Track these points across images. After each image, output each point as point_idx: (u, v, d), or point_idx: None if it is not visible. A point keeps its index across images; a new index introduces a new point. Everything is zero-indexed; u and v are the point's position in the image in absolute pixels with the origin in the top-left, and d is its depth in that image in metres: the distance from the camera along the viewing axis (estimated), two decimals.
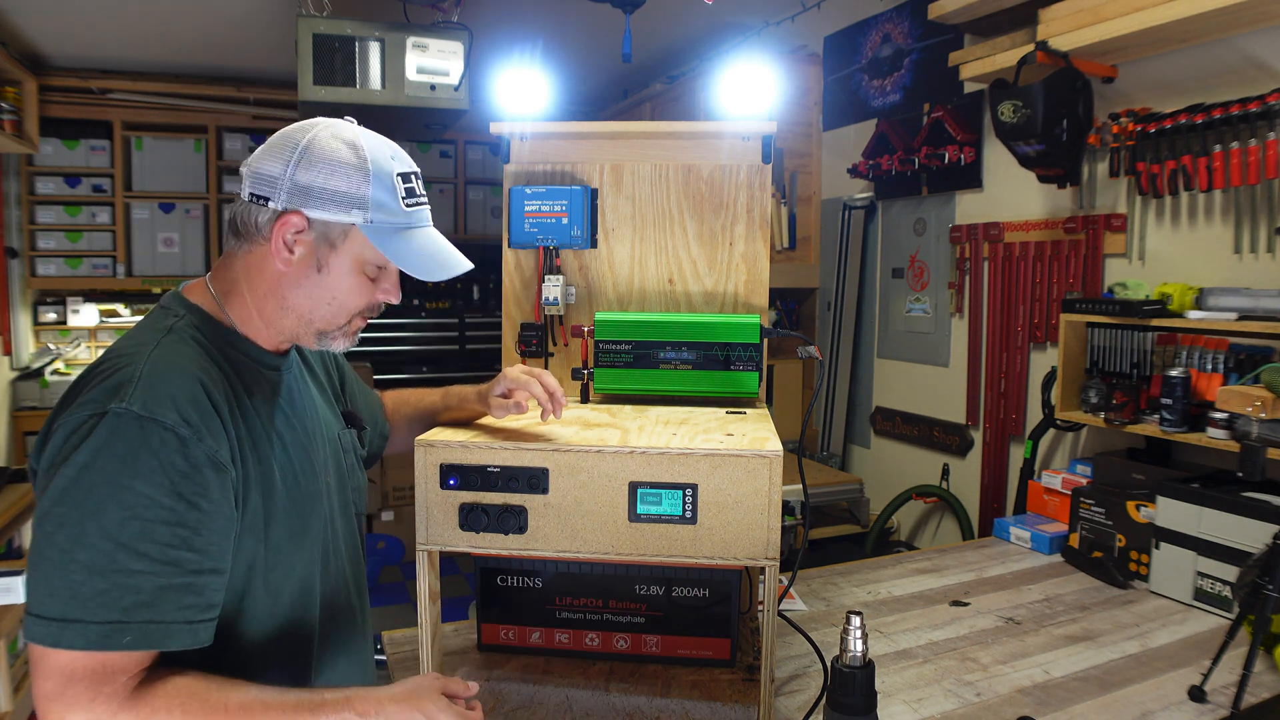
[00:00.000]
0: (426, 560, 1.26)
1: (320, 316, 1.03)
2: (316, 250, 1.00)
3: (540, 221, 1.67)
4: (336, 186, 0.98)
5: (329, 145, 0.99)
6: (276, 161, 0.98)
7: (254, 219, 0.99)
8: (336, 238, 1.00)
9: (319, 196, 0.98)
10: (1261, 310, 1.92)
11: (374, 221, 1.00)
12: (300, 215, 0.98)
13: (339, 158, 0.98)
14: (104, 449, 0.84)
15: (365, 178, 0.99)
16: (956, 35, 2.89)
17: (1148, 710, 1.40)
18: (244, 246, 1.01)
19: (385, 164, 1.01)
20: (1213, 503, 1.82)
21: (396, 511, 4.81)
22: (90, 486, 0.84)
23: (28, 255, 4.37)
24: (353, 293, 1.03)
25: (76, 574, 0.82)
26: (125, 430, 0.85)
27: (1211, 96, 2.11)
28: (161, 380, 0.89)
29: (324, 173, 0.97)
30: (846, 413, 3.63)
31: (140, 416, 0.86)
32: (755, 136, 1.66)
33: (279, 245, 0.98)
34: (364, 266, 1.03)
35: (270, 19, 3.46)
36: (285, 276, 1.01)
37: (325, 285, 1.01)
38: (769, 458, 1.18)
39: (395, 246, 1.02)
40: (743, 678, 1.46)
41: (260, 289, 1.02)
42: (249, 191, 0.99)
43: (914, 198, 3.21)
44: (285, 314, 1.03)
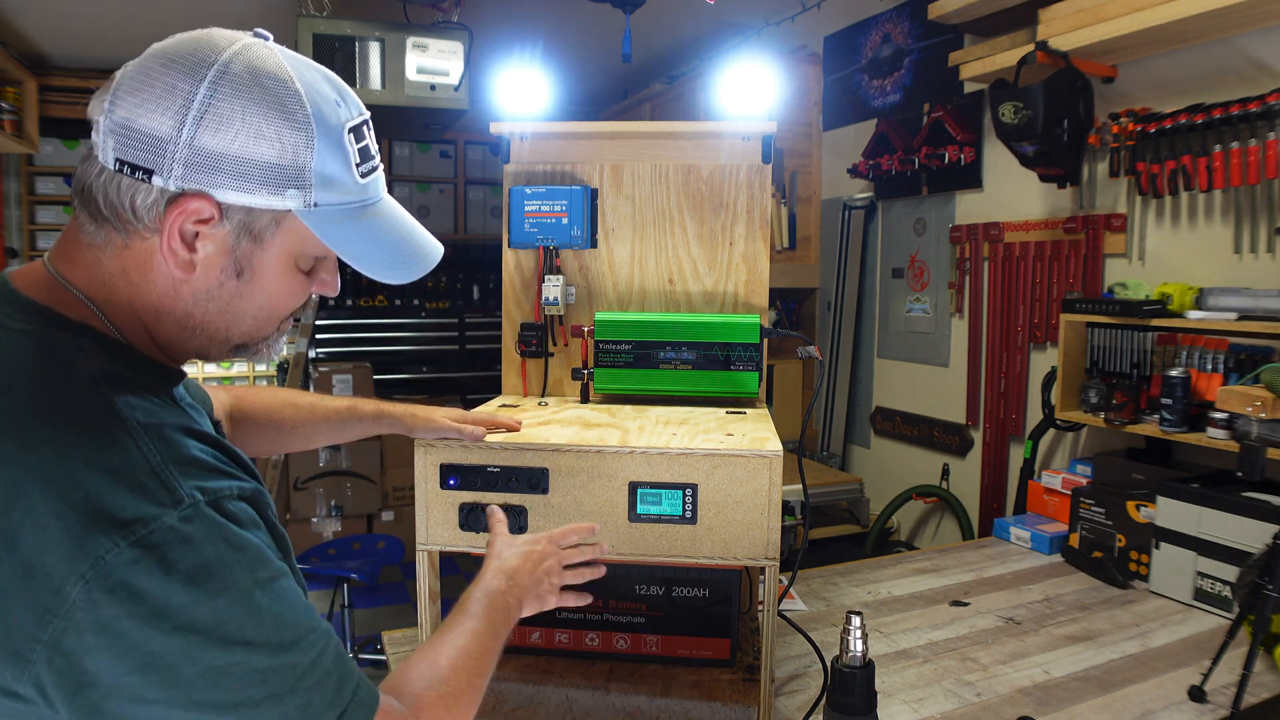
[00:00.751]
0: (426, 560, 1.26)
1: (241, 332, 0.75)
2: (234, 248, 0.69)
3: (540, 221, 1.67)
4: (263, 155, 0.66)
5: (249, 87, 0.66)
6: (162, 111, 0.64)
7: (129, 199, 0.66)
8: (264, 229, 0.69)
9: (235, 171, 0.65)
10: (1261, 310, 1.92)
11: (318, 205, 0.69)
12: (207, 199, 0.66)
13: (266, 108, 0.66)
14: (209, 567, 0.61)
15: (307, 138, 0.67)
16: (956, 35, 2.89)
17: (1148, 710, 1.40)
18: (112, 238, 0.68)
19: (330, 112, 0.69)
20: (1213, 503, 1.82)
21: (396, 511, 4.82)
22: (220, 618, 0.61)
23: (28, 255, 4.37)
24: (285, 296, 0.75)
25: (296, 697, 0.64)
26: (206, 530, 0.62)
27: (1211, 96, 2.11)
28: (178, 448, 0.65)
29: (245, 134, 0.65)
30: (846, 413, 3.63)
31: (211, 503, 0.63)
32: (755, 136, 1.66)
33: (174, 242, 0.67)
34: (299, 260, 0.74)
35: (270, 19, 3.46)
36: (187, 286, 0.70)
37: (248, 294, 0.72)
38: (769, 458, 1.18)
39: (348, 239, 0.72)
40: (743, 678, 1.46)
41: (149, 302, 0.70)
42: (115, 156, 0.65)
43: (914, 198, 3.21)
44: (190, 335, 0.73)
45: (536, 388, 1.72)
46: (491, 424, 1.27)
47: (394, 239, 0.76)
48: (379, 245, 0.74)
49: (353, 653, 3.32)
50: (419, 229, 0.81)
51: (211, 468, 0.66)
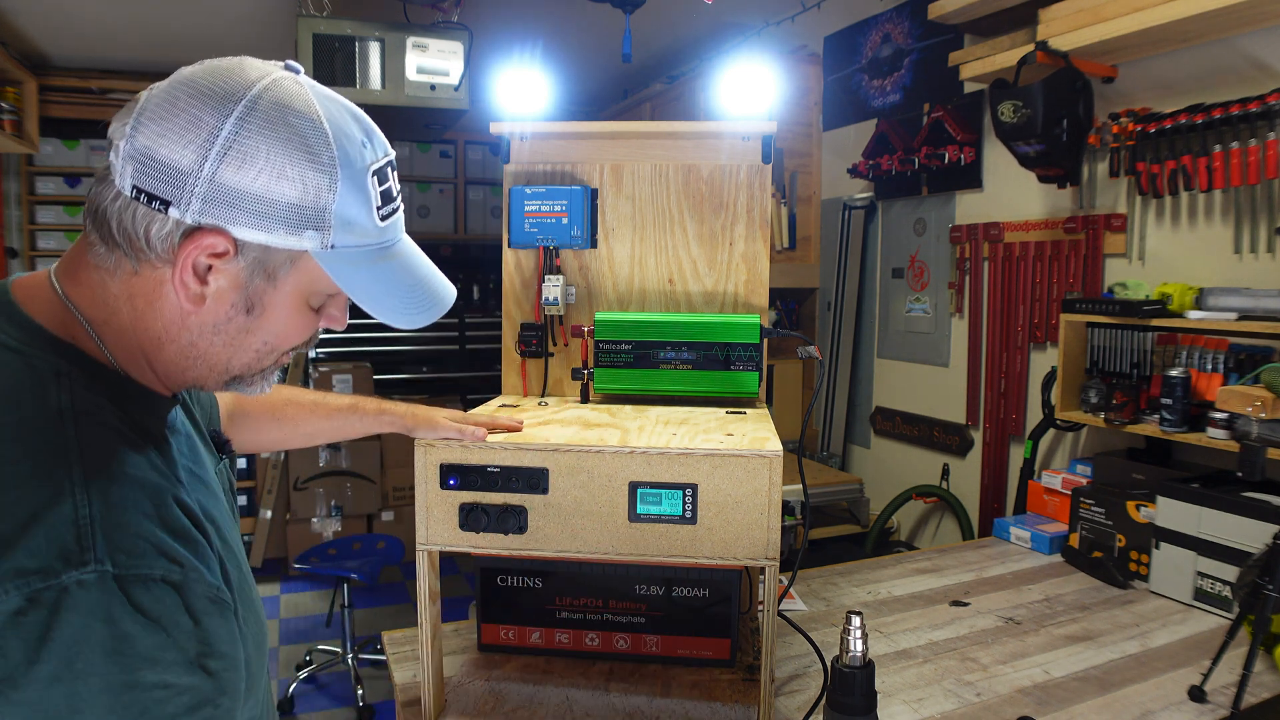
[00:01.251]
0: (426, 560, 1.26)
1: (241, 364, 0.73)
2: (246, 284, 0.68)
3: (540, 221, 1.67)
4: (284, 195, 0.65)
5: (275, 124, 0.64)
6: (186, 143, 0.62)
7: (143, 228, 0.64)
8: (278, 268, 0.68)
9: (255, 209, 0.64)
10: (1261, 310, 1.92)
11: (335, 247, 0.68)
12: (224, 235, 0.65)
13: (291, 147, 0.65)
14: (82, 644, 0.55)
15: (330, 181, 0.66)
16: (956, 35, 2.89)
17: (1148, 710, 1.40)
18: (122, 264, 0.67)
19: (356, 154, 0.68)
20: (1213, 503, 1.82)
21: (396, 511, 4.82)
22: (77, 703, 0.55)
23: (28, 255, 4.37)
24: (292, 332, 0.74)
25: None
26: (104, 605, 0.56)
27: (1211, 96, 2.11)
28: (120, 509, 0.60)
29: (268, 172, 0.64)
30: (846, 413, 3.63)
31: (120, 578, 0.57)
32: (755, 136, 1.66)
33: (186, 275, 0.66)
34: (310, 298, 0.72)
35: (270, 19, 3.46)
36: (194, 318, 0.69)
37: (256, 329, 0.71)
38: (769, 458, 1.18)
39: (362, 282, 0.71)
40: (743, 678, 1.46)
41: (153, 331, 0.69)
42: (133, 183, 0.63)
43: (914, 198, 3.21)
44: (190, 364, 0.71)
45: (536, 388, 1.72)
46: (492, 425, 1.27)
47: (408, 283, 0.75)
48: (392, 289, 0.74)
49: (352, 652, 3.33)
50: (434, 272, 0.79)
51: (148, 540, 0.60)
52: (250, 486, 4.74)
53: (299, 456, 4.55)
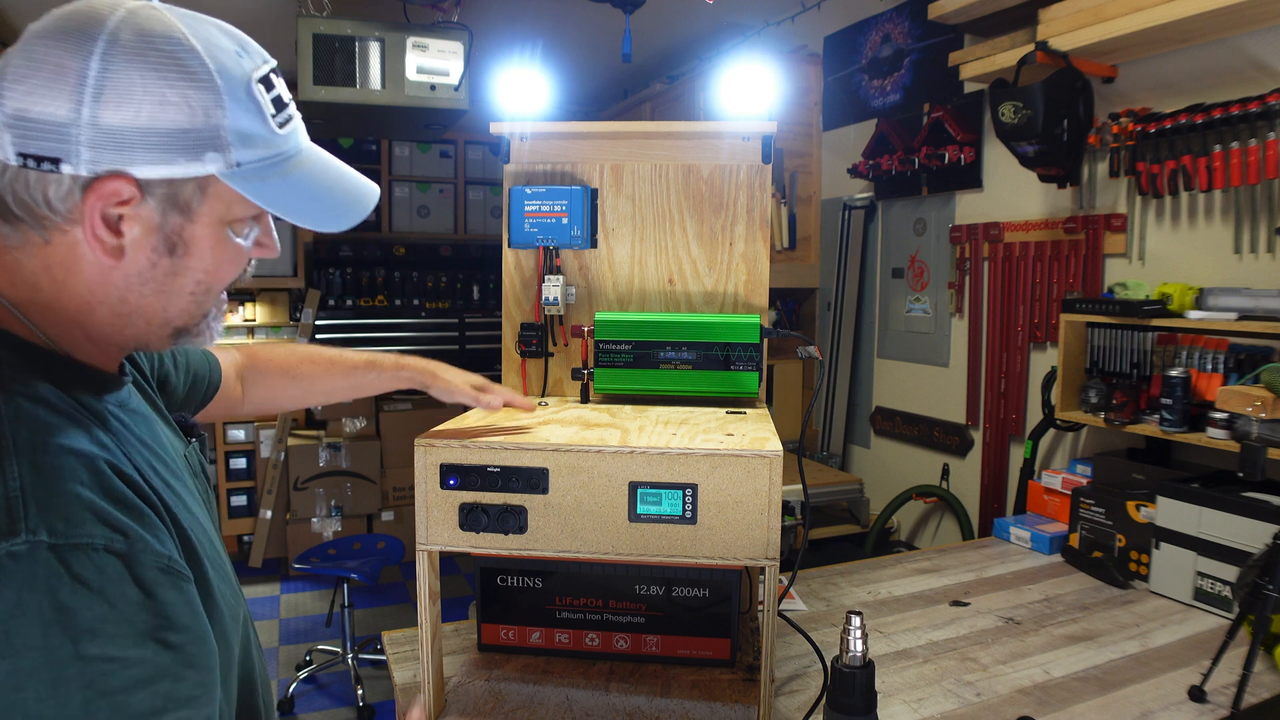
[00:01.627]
0: (426, 560, 1.26)
1: (179, 311, 0.70)
2: (162, 224, 0.65)
3: (540, 221, 1.67)
4: (173, 122, 0.62)
5: (142, 53, 0.61)
6: (56, 94, 0.59)
7: (40, 193, 0.62)
8: (190, 199, 0.65)
9: (147, 144, 0.61)
10: (1261, 310, 1.92)
11: (241, 164, 0.66)
12: (124, 179, 0.62)
13: (165, 72, 0.61)
14: (17, 617, 0.53)
15: (215, 97, 0.63)
16: (956, 35, 2.89)
17: (1148, 710, 1.40)
18: (30, 238, 0.64)
19: (234, 66, 0.65)
20: (1213, 503, 1.82)
21: (396, 511, 4.82)
22: (20, 680, 0.53)
23: None
24: (227, 265, 0.71)
25: None
26: (40, 576, 0.54)
27: (1211, 96, 2.11)
28: (52, 478, 0.58)
29: (149, 103, 0.61)
30: (846, 413, 3.63)
31: (56, 547, 0.55)
32: (755, 136, 1.66)
33: (97, 229, 0.63)
34: (232, 226, 0.69)
35: (270, 19, 3.46)
36: (118, 271, 0.66)
37: (184, 270, 0.68)
38: (769, 458, 1.18)
39: (279, 194, 0.68)
40: (743, 678, 1.46)
41: (78, 296, 0.66)
42: (16, 150, 0.60)
43: (914, 198, 3.21)
44: (127, 322, 0.69)
45: (536, 388, 1.72)
46: (509, 401, 1.28)
47: (325, 187, 0.73)
48: (310, 196, 0.71)
49: (352, 652, 3.33)
50: (349, 172, 0.77)
51: (86, 507, 0.58)
52: (250, 486, 4.74)
53: (299, 457, 4.55)
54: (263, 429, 4.69)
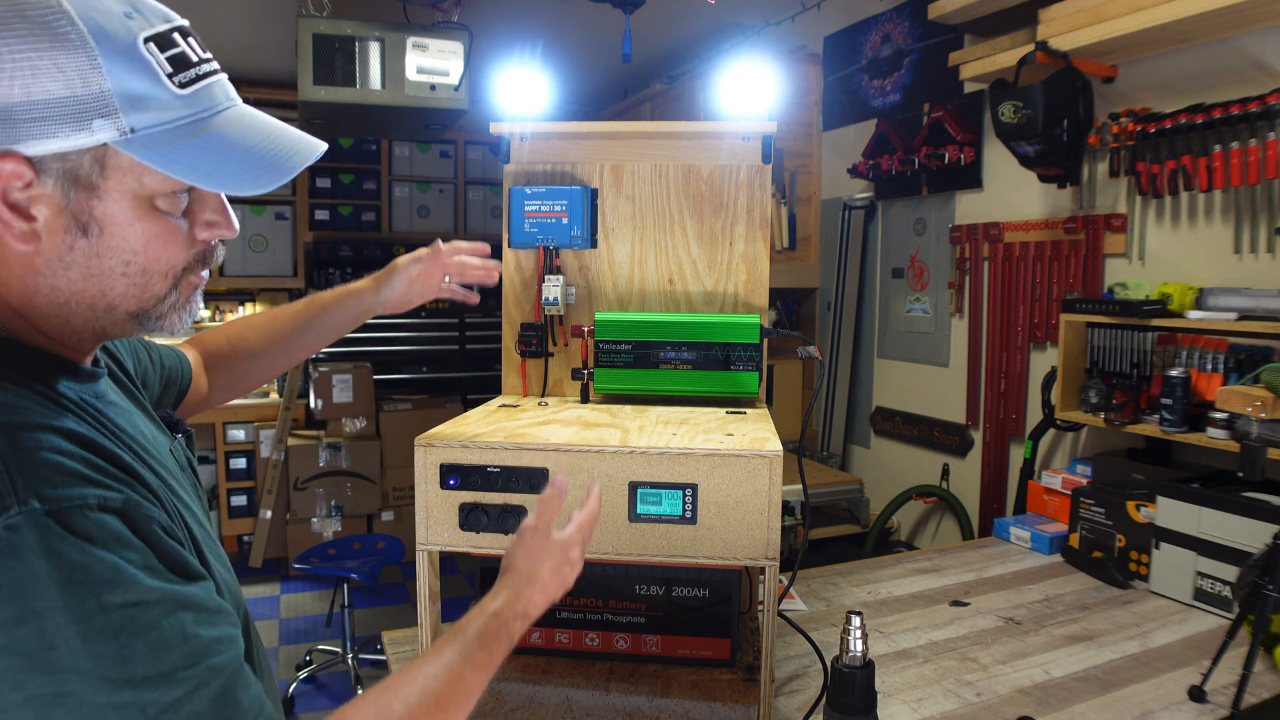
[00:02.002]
0: (426, 560, 1.26)
1: (122, 294, 0.66)
2: (67, 204, 0.62)
3: (540, 221, 1.67)
4: (49, 91, 0.58)
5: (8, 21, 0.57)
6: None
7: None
8: (89, 174, 0.61)
9: (28, 117, 0.58)
10: (1261, 310, 1.92)
11: (136, 131, 0.61)
12: (14, 158, 0.59)
13: (35, 38, 0.58)
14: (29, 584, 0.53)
15: (89, 59, 0.59)
16: (956, 35, 2.89)
17: (1148, 710, 1.40)
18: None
19: (118, 26, 0.60)
20: (1213, 503, 1.82)
21: (396, 511, 4.82)
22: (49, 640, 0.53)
23: None
24: (155, 243, 0.66)
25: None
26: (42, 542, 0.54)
27: (1211, 96, 2.11)
28: (33, 450, 0.57)
29: (22, 72, 0.57)
30: (846, 413, 3.63)
31: (51, 513, 0.55)
32: (755, 136, 1.66)
33: (5, 216, 0.61)
34: (155, 200, 0.65)
35: (270, 19, 3.46)
36: (39, 258, 0.63)
37: (105, 251, 0.64)
38: (769, 458, 1.18)
39: (188, 159, 0.63)
40: (743, 678, 1.46)
41: (12, 287, 0.64)
42: None
43: (914, 198, 3.21)
44: (69, 311, 0.66)
45: (536, 388, 1.72)
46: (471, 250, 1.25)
47: (249, 145, 0.67)
48: (230, 158, 0.65)
49: (353, 652, 3.33)
50: (284, 130, 0.71)
51: (71, 473, 0.57)
52: (250, 486, 4.74)
53: (299, 458, 4.55)
54: (263, 429, 4.69)
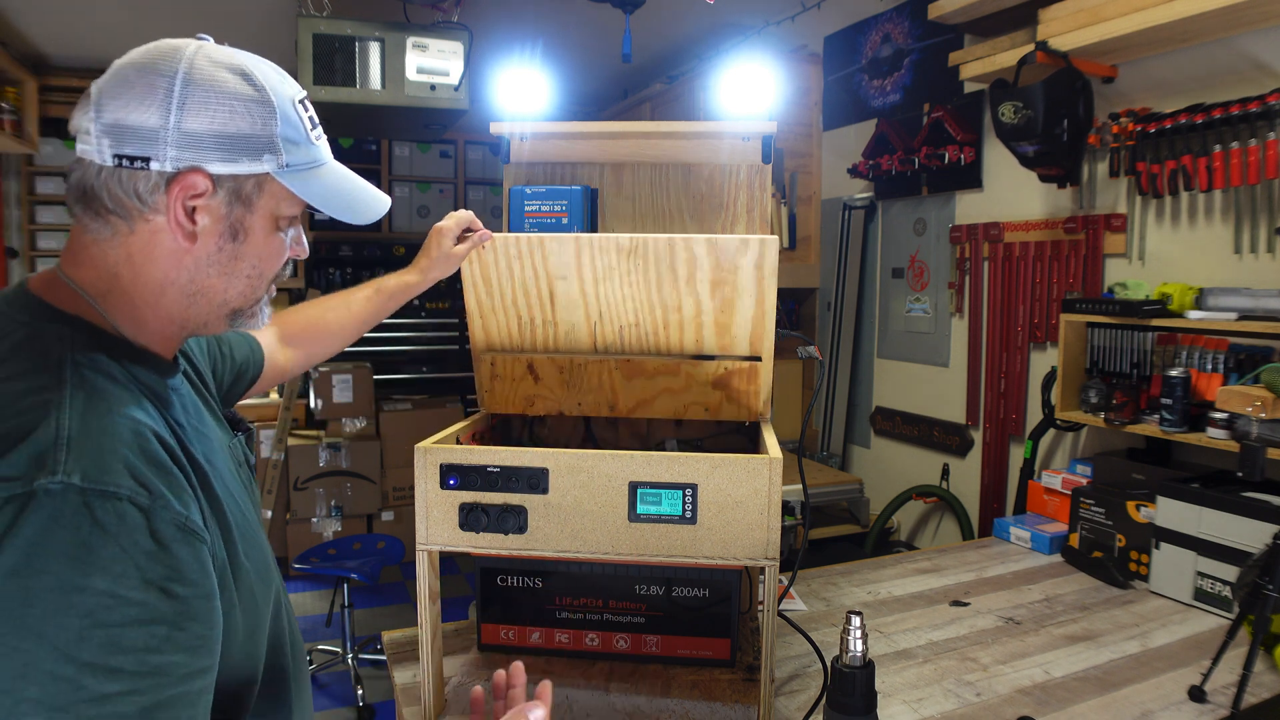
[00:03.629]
0: (426, 560, 1.26)
1: (237, 293, 0.83)
2: (228, 214, 0.79)
3: (540, 221, 1.67)
4: (240, 129, 0.76)
5: (215, 76, 0.76)
6: (149, 105, 0.73)
7: (132, 187, 0.75)
8: (250, 193, 0.79)
9: (221, 145, 0.75)
10: (1261, 310, 1.92)
11: (289, 165, 0.80)
12: (201, 173, 0.75)
13: (231, 87, 0.76)
14: (41, 544, 0.61)
15: (270, 112, 0.78)
16: (956, 35, 2.89)
17: (1148, 710, 1.40)
18: (118, 229, 0.76)
19: (281, 88, 0.80)
20: (1213, 503, 1.82)
21: (396, 511, 4.82)
22: (30, 598, 0.60)
23: (28, 255, 4.37)
24: (274, 256, 0.85)
25: (33, 717, 0.60)
26: (67, 513, 0.62)
27: (1211, 96, 2.11)
28: (98, 434, 0.67)
29: (221, 113, 0.75)
30: (846, 413, 3.63)
31: (85, 490, 0.63)
32: (755, 136, 1.66)
33: (179, 216, 0.76)
34: (279, 222, 0.83)
35: (270, 19, 3.46)
36: (190, 255, 0.78)
37: (245, 254, 0.81)
38: (769, 458, 1.18)
39: (317, 190, 0.83)
40: (743, 678, 1.46)
41: (154, 278, 0.78)
42: (113, 153, 0.73)
43: (914, 198, 3.21)
44: (193, 303, 0.81)
45: None
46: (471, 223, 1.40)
47: (348, 190, 0.88)
48: (337, 194, 0.86)
49: (352, 652, 3.33)
50: (363, 183, 0.92)
51: (118, 461, 0.66)
52: None
53: (298, 457, 4.55)
54: (263, 429, 4.69)
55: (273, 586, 0.87)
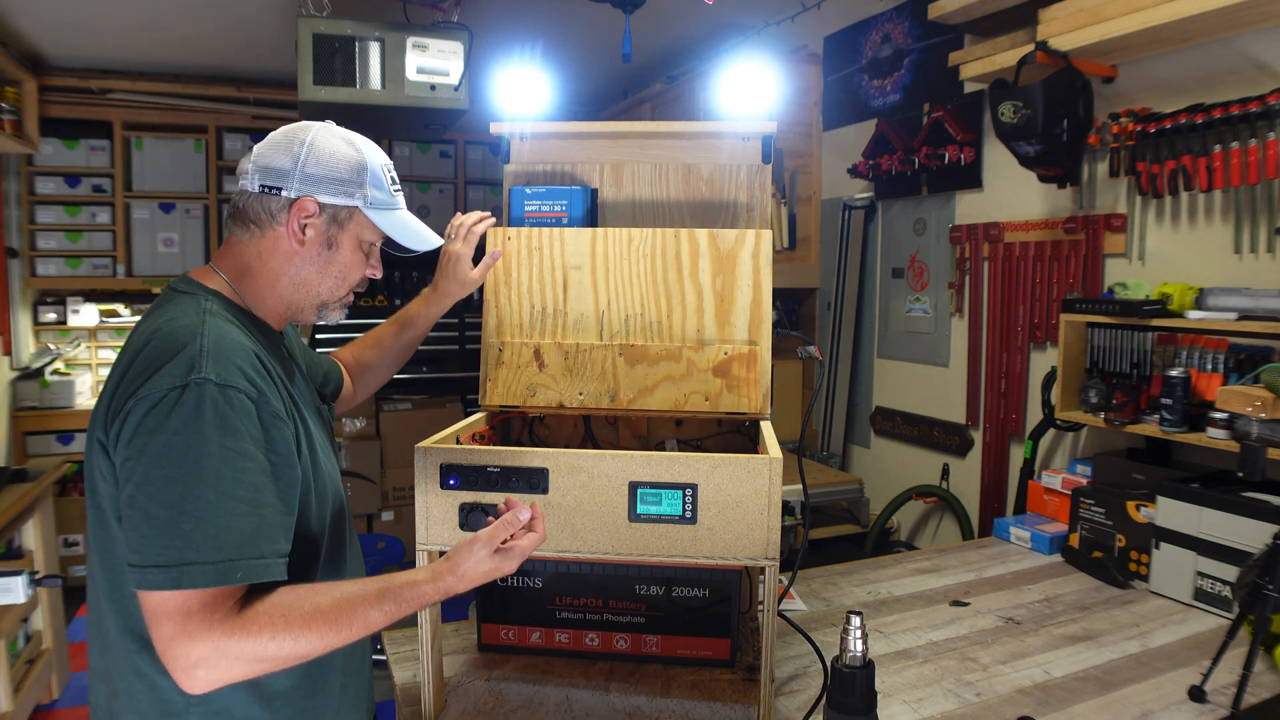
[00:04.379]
0: (426, 560, 1.26)
1: (326, 289, 1.18)
2: (326, 230, 1.15)
3: (540, 221, 1.67)
4: (341, 175, 1.14)
5: (330, 141, 1.14)
6: (285, 157, 1.12)
7: (266, 208, 1.12)
8: (343, 218, 1.15)
9: (327, 183, 1.13)
10: (1261, 310, 1.92)
11: (372, 203, 1.17)
12: (312, 200, 1.12)
13: (340, 151, 1.14)
14: (195, 415, 0.95)
15: (363, 168, 1.15)
16: (956, 35, 2.89)
17: (1148, 710, 1.40)
18: (255, 234, 1.14)
19: (374, 157, 1.19)
20: (1213, 503, 1.82)
21: (396, 511, 4.81)
22: (188, 448, 0.94)
23: (28, 255, 4.37)
24: (354, 267, 1.19)
25: (187, 524, 0.92)
26: (209, 397, 0.96)
27: (1211, 96, 2.11)
28: (224, 351, 1.01)
29: (329, 164, 1.13)
30: (846, 413, 3.63)
31: (219, 385, 0.97)
32: (755, 136, 1.66)
33: (294, 228, 1.12)
34: (361, 244, 1.19)
35: (270, 19, 3.46)
36: (298, 255, 1.14)
37: (334, 260, 1.16)
38: (769, 458, 1.18)
39: (389, 223, 1.20)
40: (743, 678, 1.46)
41: (273, 269, 1.15)
42: (259, 184, 1.12)
43: (914, 198, 3.21)
44: (296, 289, 1.16)
45: None
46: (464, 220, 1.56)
47: (414, 227, 1.24)
48: (404, 229, 1.22)
49: None
50: (424, 225, 1.28)
51: (237, 370, 1.00)
52: None
53: None
54: None
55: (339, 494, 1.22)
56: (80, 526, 4.06)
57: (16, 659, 2.68)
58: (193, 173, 4.62)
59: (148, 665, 1.03)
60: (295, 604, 0.97)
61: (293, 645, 0.95)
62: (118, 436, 0.97)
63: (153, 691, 1.03)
